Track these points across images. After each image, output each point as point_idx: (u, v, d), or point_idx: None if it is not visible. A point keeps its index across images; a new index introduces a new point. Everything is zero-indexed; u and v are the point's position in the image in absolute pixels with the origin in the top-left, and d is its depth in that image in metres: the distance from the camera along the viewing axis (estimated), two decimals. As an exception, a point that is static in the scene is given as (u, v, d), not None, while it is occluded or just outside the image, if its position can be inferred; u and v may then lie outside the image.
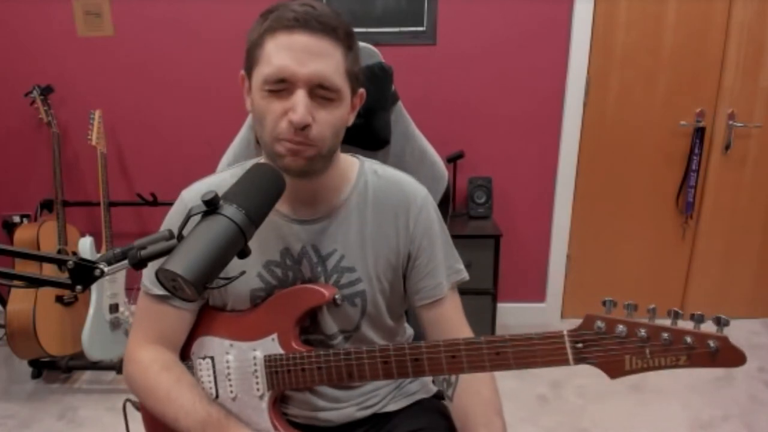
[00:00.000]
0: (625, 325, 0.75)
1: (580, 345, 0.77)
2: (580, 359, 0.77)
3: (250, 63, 0.84)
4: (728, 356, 0.71)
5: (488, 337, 0.81)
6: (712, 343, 0.71)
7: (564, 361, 0.77)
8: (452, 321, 0.99)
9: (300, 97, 0.79)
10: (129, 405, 1.09)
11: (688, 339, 0.72)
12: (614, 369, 0.76)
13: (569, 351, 0.77)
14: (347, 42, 0.83)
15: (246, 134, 1.17)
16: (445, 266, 0.98)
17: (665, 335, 0.73)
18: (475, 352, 0.81)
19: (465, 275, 1.02)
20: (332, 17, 0.81)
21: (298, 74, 0.79)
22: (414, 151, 1.19)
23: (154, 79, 2.50)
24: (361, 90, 0.91)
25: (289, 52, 0.79)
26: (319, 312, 0.95)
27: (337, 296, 0.92)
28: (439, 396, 1.14)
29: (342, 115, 0.85)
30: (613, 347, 0.76)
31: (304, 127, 0.80)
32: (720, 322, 0.72)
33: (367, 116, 1.13)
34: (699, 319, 0.72)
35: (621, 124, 2.52)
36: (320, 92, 0.80)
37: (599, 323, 0.76)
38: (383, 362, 0.85)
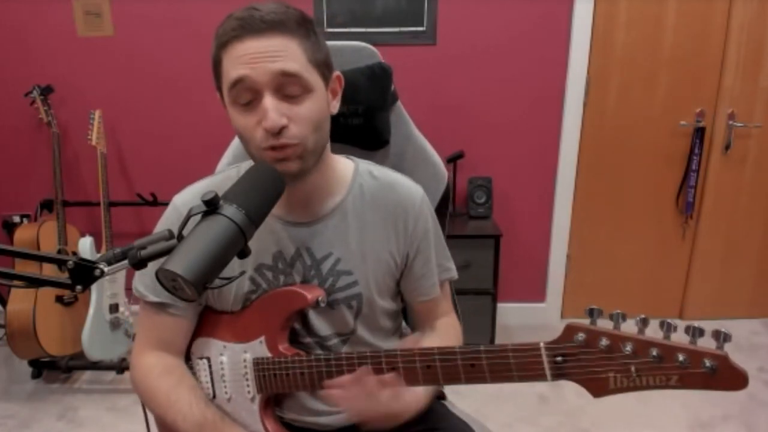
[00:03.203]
0: (609, 338, 0.66)
1: (559, 359, 0.69)
2: (558, 374, 0.69)
3: (218, 82, 0.83)
4: (727, 377, 0.62)
5: (463, 347, 0.76)
6: (708, 362, 0.62)
7: (541, 376, 0.69)
8: (440, 310, 1.05)
9: (267, 102, 0.77)
10: None
11: (681, 356, 0.63)
12: (597, 387, 0.68)
13: (546, 365, 0.69)
14: (301, 31, 0.79)
15: None
16: (436, 265, 1.01)
17: (654, 351, 0.64)
18: (450, 363, 0.77)
19: (454, 274, 1.06)
20: (278, 11, 0.78)
21: (258, 81, 0.77)
22: (415, 152, 1.19)
23: (154, 79, 2.50)
24: (337, 73, 0.89)
25: (243, 62, 0.77)
26: (310, 314, 0.95)
27: (320, 299, 0.91)
28: (439, 397, 1.14)
29: (319, 106, 0.82)
30: (596, 363, 0.67)
31: (280, 130, 0.78)
32: (720, 337, 0.62)
33: (367, 116, 1.13)
34: (696, 333, 0.63)
35: (621, 124, 2.52)
36: (287, 90, 0.79)
37: (580, 335, 0.67)
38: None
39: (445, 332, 1.02)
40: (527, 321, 2.74)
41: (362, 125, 1.13)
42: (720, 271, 2.68)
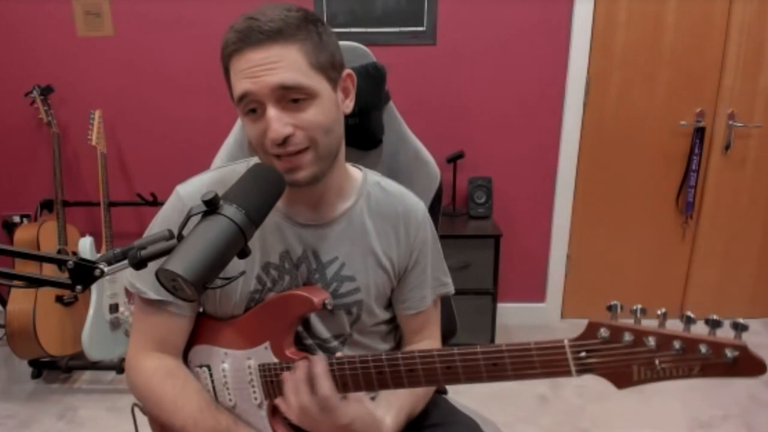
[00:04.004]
0: (632, 332, 0.68)
1: (583, 354, 0.70)
2: (583, 370, 0.71)
3: (230, 91, 0.84)
4: (747, 366, 0.64)
5: (484, 346, 0.76)
6: (729, 353, 0.64)
7: (566, 372, 0.71)
8: (425, 333, 1.04)
9: (270, 113, 0.78)
10: (137, 409, 1.06)
11: (703, 348, 0.65)
12: (621, 380, 0.70)
13: (571, 361, 0.71)
14: (302, 35, 0.79)
15: (239, 136, 1.17)
16: (432, 279, 1.01)
17: (677, 344, 0.65)
18: (471, 363, 0.77)
19: (450, 289, 1.06)
20: (277, 19, 0.77)
21: (259, 93, 0.77)
22: (408, 151, 1.20)
23: (154, 79, 2.50)
24: (348, 71, 0.88)
25: (245, 75, 0.77)
26: (311, 317, 0.95)
27: (327, 302, 0.90)
28: (440, 391, 1.14)
29: (327, 110, 0.82)
30: (619, 357, 0.69)
31: (285, 139, 0.78)
32: (738, 327, 0.65)
33: (361, 116, 1.13)
34: (714, 324, 0.65)
35: (621, 124, 2.52)
36: (291, 96, 0.78)
37: (603, 331, 0.69)
38: (378, 373, 0.82)
39: None
40: (527, 321, 2.74)
41: (357, 125, 1.13)
42: (720, 271, 2.68)
